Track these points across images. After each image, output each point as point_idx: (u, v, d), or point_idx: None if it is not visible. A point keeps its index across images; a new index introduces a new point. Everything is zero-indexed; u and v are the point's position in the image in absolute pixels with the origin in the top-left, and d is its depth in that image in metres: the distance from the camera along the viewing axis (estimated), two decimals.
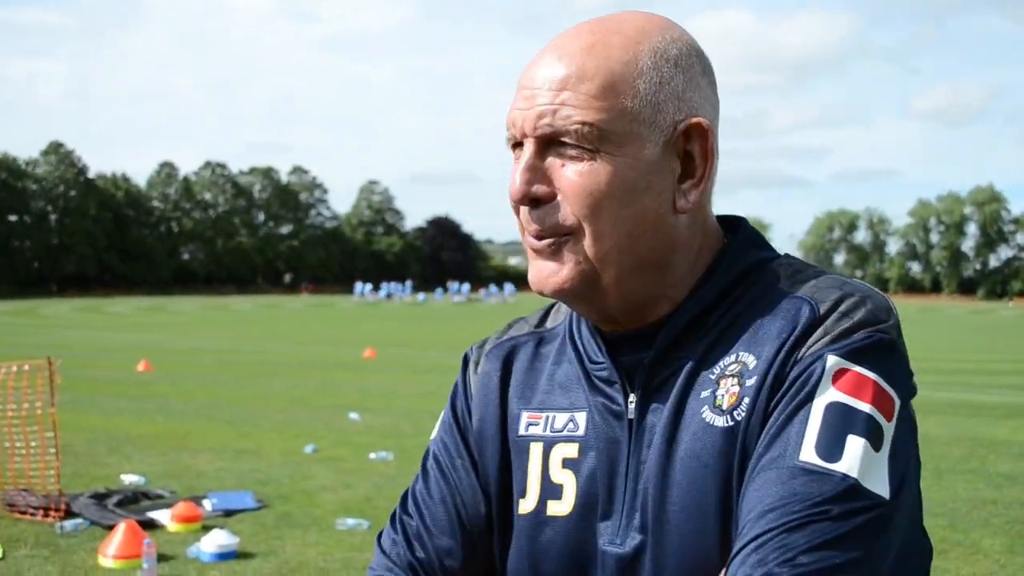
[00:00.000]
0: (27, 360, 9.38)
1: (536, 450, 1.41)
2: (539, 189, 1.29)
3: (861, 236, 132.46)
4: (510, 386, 1.48)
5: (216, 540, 7.48)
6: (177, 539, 7.93)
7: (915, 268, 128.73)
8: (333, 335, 37.08)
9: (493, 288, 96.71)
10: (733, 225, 1.41)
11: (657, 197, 1.29)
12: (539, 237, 1.31)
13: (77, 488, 9.41)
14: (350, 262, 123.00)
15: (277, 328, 42.04)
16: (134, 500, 9.08)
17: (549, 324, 1.53)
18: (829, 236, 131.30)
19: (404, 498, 1.52)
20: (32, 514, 8.42)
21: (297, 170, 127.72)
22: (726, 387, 1.27)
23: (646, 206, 1.28)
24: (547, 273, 1.31)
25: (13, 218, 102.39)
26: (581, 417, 1.38)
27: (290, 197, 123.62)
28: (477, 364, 1.53)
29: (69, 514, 8.42)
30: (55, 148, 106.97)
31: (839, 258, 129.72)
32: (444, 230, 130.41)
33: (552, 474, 1.38)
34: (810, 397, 1.21)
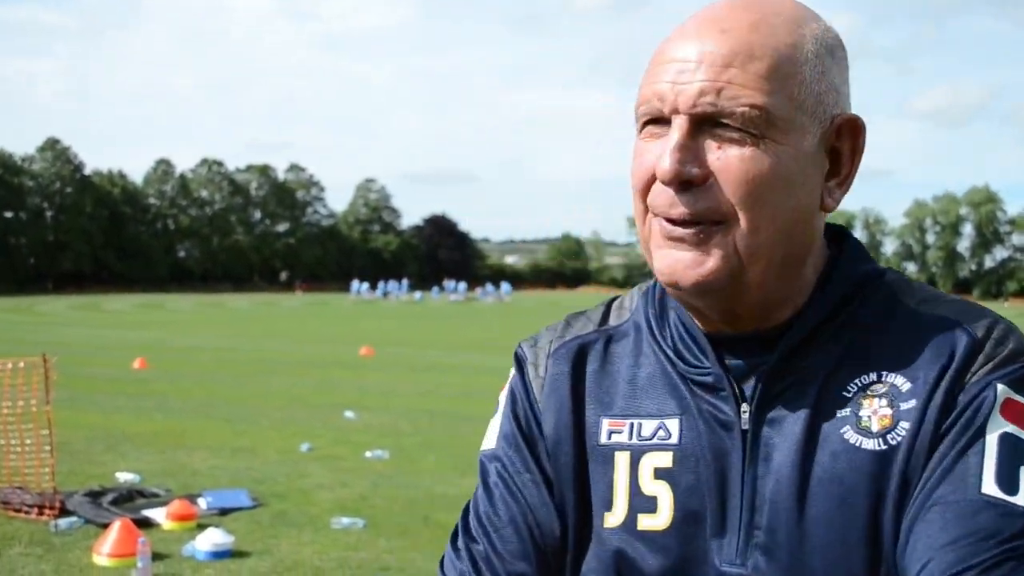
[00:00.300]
0: (23, 357, 9.37)
1: (622, 460, 1.29)
2: (692, 171, 1.17)
3: (857, 235, 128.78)
4: (584, 391, 1.34)
5: (211, 538, 7.48)
6: (172, 537, 7.93)
7: (911, 268, 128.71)
8: (330, 333, 37.04)
9: (489, 287, 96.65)
10: (835, 232, 1.35)
11: (811, 193, 1.22)
12: (684, 223, 1.19)
13: (72, 486, 9.40)
14: (347, 260, 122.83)
15: (274, 326, 41.99)
16: (129, 498, 9.08)
17: (614, 321, 1.40)
18: None
19: (465, 521, 1.38)
20: (27, 512, 8.41)
21: (294, 168, 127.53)
22: (872, 408, 1.20)
23: (801, 201, 1.20)
24: (687, 264, 1.19)
25: (9, 215, 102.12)
26: (673, 424, 1.27)
27: (287, 195, 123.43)
28: (538, 367, 1.38)
29: (64, 512, 8.42)
30: (51, 144, 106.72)
31: None
32: (441, 229, 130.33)
33: (643, 486, 1.27)
34: (983, 428, 1.16)
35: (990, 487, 1.13)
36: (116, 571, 7.09)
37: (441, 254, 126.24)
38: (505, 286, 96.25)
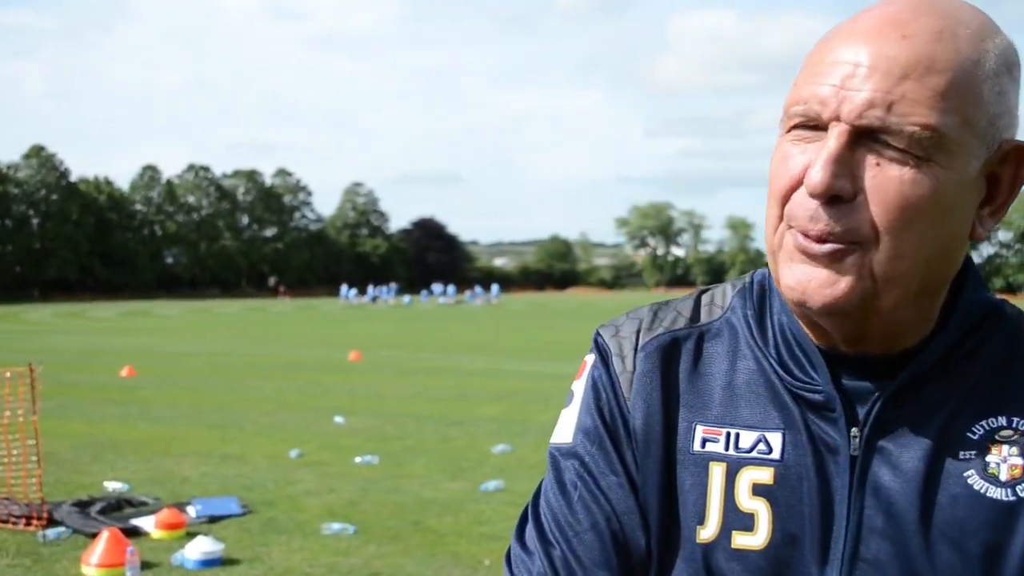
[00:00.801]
0: (8, 367, 9.31)
1: (718, 471, 1.20)
2: (844, 186, 1.07)
3: None
4: (677, 392, 1.24)
5: (200, 547, 7.44)
6: (161, 546, 7.88)
7: None
8: (319, 338, 36.97)
9: (478, 289, 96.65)
10: None
11: (964, 221, 1.12)
12: (822, 240, 1.09)
13: (60, 496, 9.35)
14: (335, 265, 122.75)
15: (262, 331, 41.89)
16: (117, 507, 9.03)
17: (705, 317, 1.29)
18: None
19: (538, 521, 1.28)
20: (14, 523, 8.36)
21: (281, 172, 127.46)
22: (1002, 455, 1.12)
23: (952, 229, 1.11)
24: (820, 282, 1.10)
25: None
26: (775, 439, 1.18)
27: (274, 200, 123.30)
28: (624, 360, 1.27)
29: (51, 522, 8.37)
30: (36, 152, 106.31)
31: None
32: (429, 232, 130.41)
33: (740, 501, 1.19)
34: None
35: None
36: None
37: (430, 257, 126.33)
38: (495, 288, 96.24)
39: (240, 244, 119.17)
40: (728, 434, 1.21)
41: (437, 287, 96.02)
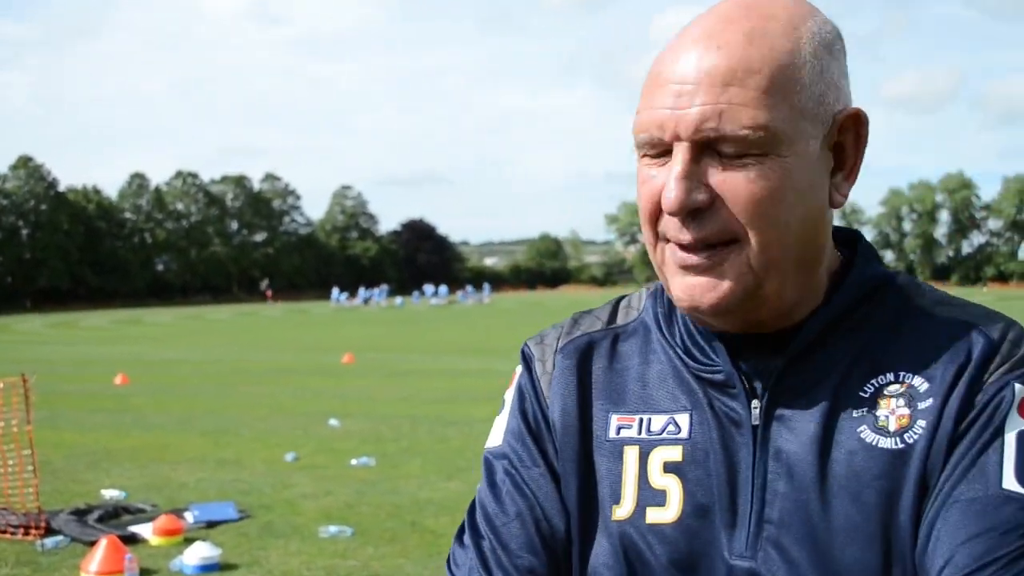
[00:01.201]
0: (1, 378, 9.31)
1: (632, 454, 1.29)
2: (698, 197, 1.16)
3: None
4: (592, 387, 1.35)
5: (199, 552, 7.46)
6: (159, 552, 7.90)
7: (889, 256, 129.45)
8: (311, 342, 36.95)
9: (470, 289, 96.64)
10: (847, 236, 1.36)
11: (819, 195, 1.21)
12: (694, 249, 1.19)
13: (57, 505, 9.36)
14: (326, 268, 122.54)
15: (254, 336, 41.85)
16: (115, 515, 9.04)
17: (621, 320, 1.40)
18: None
19: (472, 518, 1.37)
20: (12, 533, 8.36)
21: (269, 177, 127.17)
22: (890, 408, 1.20)
23: (810, 207, 1.20)
24: (703, 289, 1.20)
25: None
26: (683, 419, 1.28)
27: (263, 205, 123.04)
28: (545, 363, 1.38)
29: (49, 531, 8.38)
30: (24, 163, 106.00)
31: None
32: (419, 233, 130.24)
33: (652, 479, 1.27)
34: (1002, 426, 1.17)
35: (1011, 483, 1.15)
36: None
37: (420, 258, 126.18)
38: (486, 288, 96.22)
39: (230, 250, 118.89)
40: (641, 420, 1.30)
41: (429, 288, 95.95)
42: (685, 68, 1.17)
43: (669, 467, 1.27)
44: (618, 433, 1.31)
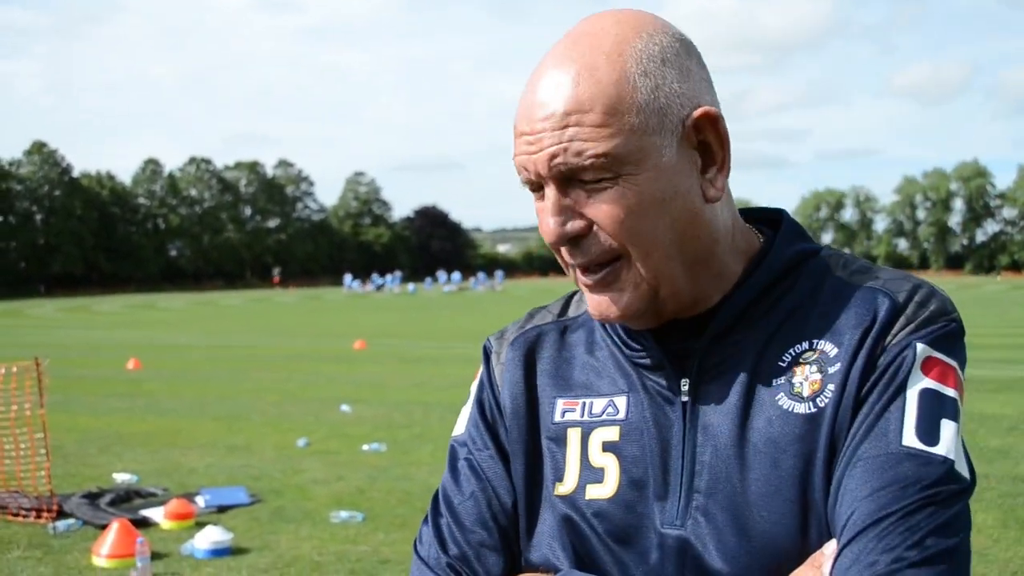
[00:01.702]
0: (15, 362, 9.33)
1: (574, 436, 1.40)
2: (573, 226, 1.28)
3: (848, 214, 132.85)
4: (538, 374, 1.46)
5: (210, 536, 7.47)
6: (171, 536, 7.91)
7: (902, 245, 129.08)
8: (324, 328, 37.01)
9: (482, 276, 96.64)
10: (772, 216, 1.44)
11: (686, 196, 1.28)
12: (588, 270, 1.31)
13: (69, 488, 9.39)
14: (339, 254, 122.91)
15: (267, 322, 41.94)
16: (126, 499, 9.06)
17: (572, 312, 1.52)
18: (816, 215, 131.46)
19: (435, 500, 1.50)
20: (24, 516, 8.39)
21: (283, 163, 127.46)
22: (804, 375, 1.28)
23: (679, 209, 1.27)
24: (607, 304, 1.31)
25: None
26: (621, 401, 1.38)
27: (276, 191, 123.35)
28: (500, 355, 1.51)
29: (61, 515, 8.40)
30: (38, 148, 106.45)
31: (827, 237, 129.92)
32: (432, 219, 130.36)
33: (592, 458, 1.37)
34: (904, 384, 1.24)
35: (911, 439, 1.21)
36: (115, 572, 7.07)
37: (433, 245, 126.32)
38: (499, 275, 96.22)
39: (243, 236, 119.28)
40: (584, 403, 1.41)
41: (442, 275, 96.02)
42: (531, 117, 1.27)
43: (607, 446, 1.37)
44: (563, 416, 1.42)
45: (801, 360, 1.29)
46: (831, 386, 1.26)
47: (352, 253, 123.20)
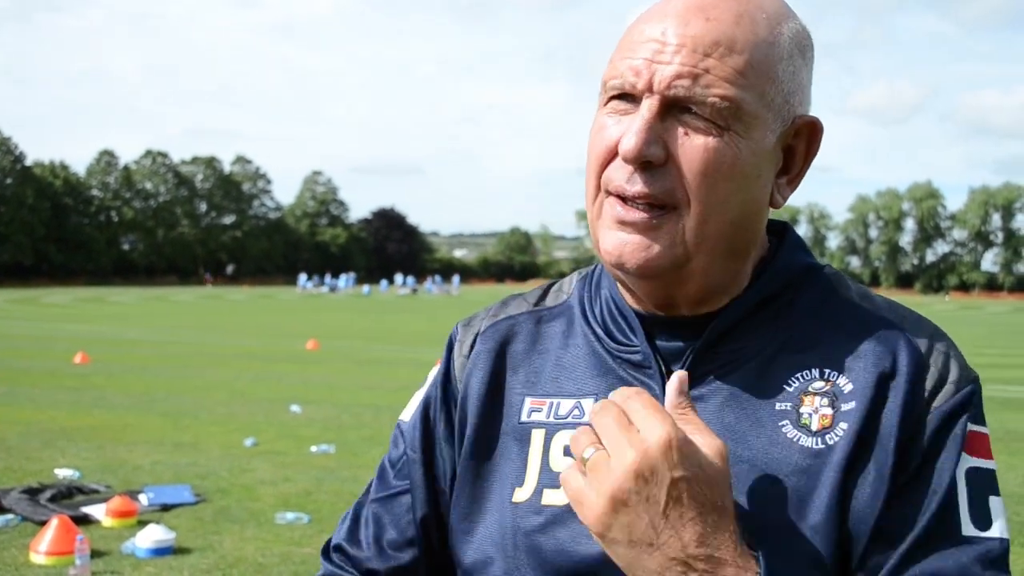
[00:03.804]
0: None
1: (538, 437, 1.31)
2: (655, 152, 1.19)
3: (802, 230, 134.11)
4: (509, 370, 1.38)
5: (152, 535, 7.36)
6: (112, 534, 7.79)
7: (854, 262, 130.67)
8: (276, 327, 36.72)
9: (438, 279, 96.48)
10: (776, 228, 1.39)
11: (764, 188, 1.24)
12: (636, 205, 1.20)
13: (9, 483, 9.23)
14: (294, 253, 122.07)
15: (218, 320, 41.54)
16: (68, 495, 8.91)
17: (550, 302, 1.44)
18: None
19: (371, 482, 1.49)
20: None
21: (240, 160, 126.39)
22: (813, 406, 1.21)
23: (753, 195, 1.23)
24: (634, 246, 1.21)
25: None
26: (588, 403, 1.29)
27: (233, 187, 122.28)
28: (463, 345, 1.43)
29: (0, 510, 8.24)
30: None
31: None
32: (389, 222, 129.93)
33: (552, 462, 1.29)
34: (953, 463, 1.18)
35: (968, 528, 1.17)
36: (53, 569, 6.94)
37: (390, 247, 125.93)
38: (455, 280, 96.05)
39: (198, 232, 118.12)
40: (551, 404, 1.33)
41: (398, 277, 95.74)
42: (671, 28, 1.20)
43: (568, 450, 1.27)
44: (529, 416, 1.33)
45: (811, 390, 1.22)
46: (843, 425, 1.19)
47: (308, 253, 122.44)
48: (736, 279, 1.28)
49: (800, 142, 1.27)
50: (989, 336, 37.45)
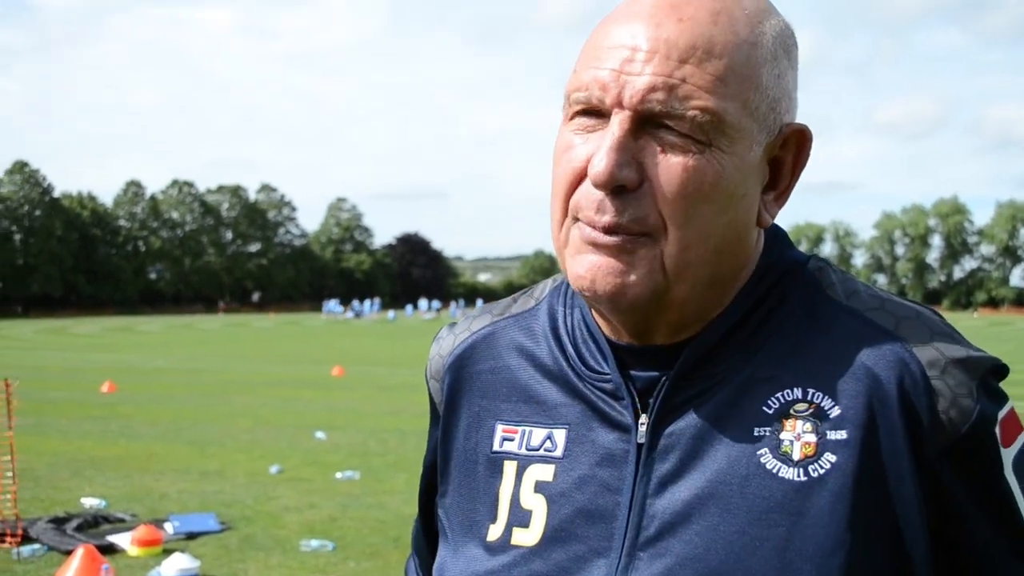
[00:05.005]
0: None
1: (510, 470, 1.20)
2: (629, 175, 1.05)
3: (828, 249, 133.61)
4: (475, 393, 1.27)
5: (177, 564, 7.37)
6: (137, 564, 7.81)
7: (881, 280, 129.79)
8: (301, 353, 36.82)
9: (463, 303, 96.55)
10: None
11: (748, 208, 1.10)
12: (608, 231, 1.07)
13: (36, 512, 9.27)
14: (319, 280, 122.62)
15: (244, 347, 41.72)
16: (94, 524, 8.95)
17: (516, 310, 1.31)
18: None
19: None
20: None
21: (265, 188, 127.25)
22: (794, 431, 1.08)
23: (739, 216, 1.09)
24: (608, 270, 1.07)
25: None
26: (560, 434, 1.17)
27: (258, 215, 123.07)
28: (434, 366, 1.33)
29: (26, 539, 8.29)
30: (20, 167, 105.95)
31: None
32: (414, 247, 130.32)
33: (522, 499, 1.17)
34: (998, 479, 1.09)
35: None
36: None
37: (414, 272, 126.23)
38: (479, 303, 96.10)
39: (224, 260, 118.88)
40: (523, 432, 1.21)
41: (423, 303, 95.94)
42: (640, 32, 1.06)
43: (539, 487, 1.17)
44: (502, 446, 1.22)
45: (792, 412, 1.09)
46: (831, 456, 1.06)
47: (333, 279, 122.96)
48: (720, 303, 1.14)
49: (788, 153, 1.13)
50: (1019, 351, 37.03)
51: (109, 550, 8.02)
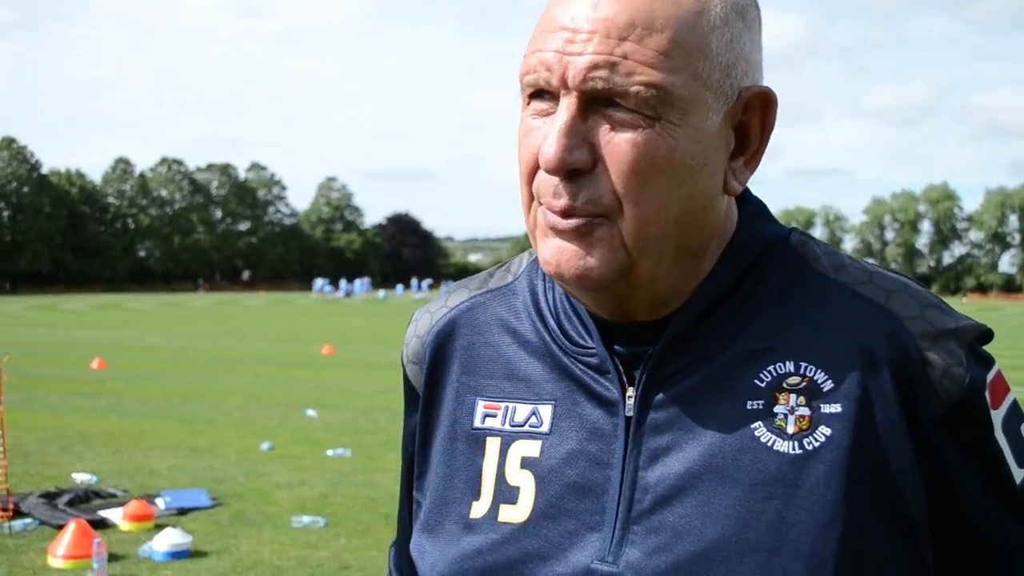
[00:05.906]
0: None
1: (493, 446, 1.19)
2: (580, 158, 1.05)
3: (818, 233, 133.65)
4: (455, 369, 1.25)
5: (168, 539, 7.38)
6: (129, 538, 7.82)
7: None
8: (291, 332, 36.80)
9: (452, 284, 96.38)
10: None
11: (711, 176, 1.09)
12: (566, 215, 1.07)
13: (27, 488, 9.26)
14: (309, 259, 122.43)
15: (234, 325, 41.66)
16: (85, 499, 8.95)
17: (494, 284, 1.30)
18: None
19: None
20: None
21: (255, 167, 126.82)
22: (788, 405, 1.08)
23: (699, 187, 1.08)
24: (571, 255, 1.08)
25: None
26: (546, 410, 1.17)
27: (248, 194, 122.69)
28: (410, 348, 1.32)
29: (18, 514, 8.28)
30: (7, 144, 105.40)
31: None
32: (404, 227, 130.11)
33: (508, 475, 1.16)
34: (988, 444, 1.12)
35: (1019, 473, 1.13)
36: (71, 573, 6.98)
37: (404, 252, 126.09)
38: None
39: (213, 238, 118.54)
40: (506, 408, 1.20)
41: (414, 282, 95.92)
42: (581, 13, 1.06)
43: (526, 463, 1.16)
44: (483, 422, 1.21)
45: (785, 385, 1.09)
46: (825, 430, 1.07)
47: (323, 258, 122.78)
48: (695, 275, 1.13)
49: (753, 116, 1.12)
50: (1008, 337, 37.27)
51: (101, 525, 8.02)
